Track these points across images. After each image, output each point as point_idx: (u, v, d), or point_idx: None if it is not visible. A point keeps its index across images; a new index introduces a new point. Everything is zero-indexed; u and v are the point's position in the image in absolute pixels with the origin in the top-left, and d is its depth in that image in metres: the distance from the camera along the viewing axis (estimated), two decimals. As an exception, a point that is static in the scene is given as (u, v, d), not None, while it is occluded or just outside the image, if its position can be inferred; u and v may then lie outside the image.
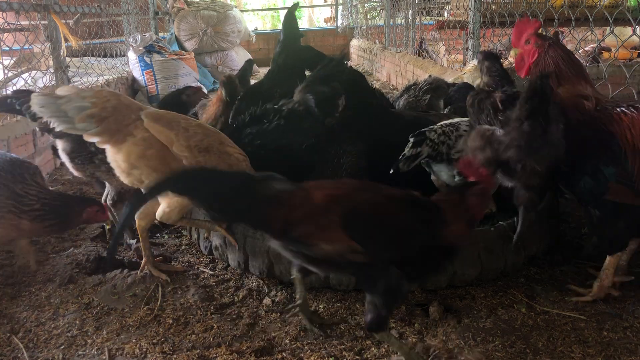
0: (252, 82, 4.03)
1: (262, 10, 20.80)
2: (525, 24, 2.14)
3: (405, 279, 1.71)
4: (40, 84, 4.47)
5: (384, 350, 1.94)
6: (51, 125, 2.10)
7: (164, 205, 2.25)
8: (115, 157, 2.18)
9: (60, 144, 2.65)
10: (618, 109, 1.99)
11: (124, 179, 2.22)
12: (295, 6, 3.36)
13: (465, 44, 5.26)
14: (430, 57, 6.87)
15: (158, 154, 2.15)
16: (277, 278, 2.40)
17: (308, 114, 2.70)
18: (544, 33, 2.12)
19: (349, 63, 11.57)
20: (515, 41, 2.17)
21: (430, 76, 4.19)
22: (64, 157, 2.67)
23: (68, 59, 5.22)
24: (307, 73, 3.28)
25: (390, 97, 3.88)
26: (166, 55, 6.88)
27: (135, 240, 2.74)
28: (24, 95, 2.67)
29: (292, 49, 3.22)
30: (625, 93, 3.26)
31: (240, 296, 2.33)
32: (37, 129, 2.71)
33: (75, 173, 2.72)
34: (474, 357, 1.86)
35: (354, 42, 11.91)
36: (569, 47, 6.63)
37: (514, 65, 2.28)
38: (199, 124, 2.31)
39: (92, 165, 2.60)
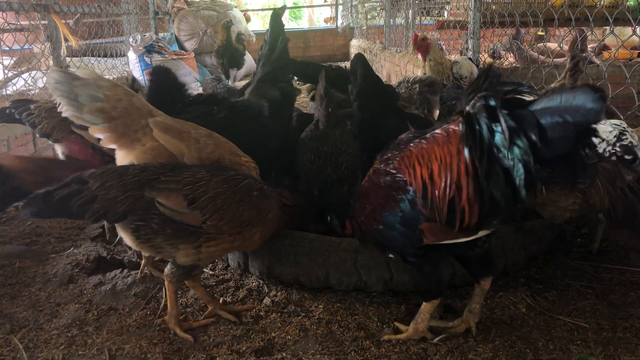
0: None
1: (262, 10, 20.81)
2: None
3: None
4: (40, 84, 4.47)
5: (383, 350, 1.94)
6: (59, 109, 2.03)
7: None
8: (123, 161, 2.14)
9: (59, 148, 2.65)
10: (406, 150, 1.87)
11: None
12: (283, 9, 3.39)
13: (465, 44, 5.25)
14: None
15: None
16: (277, 278, 2.40)
17: (260, 115, 2.80)
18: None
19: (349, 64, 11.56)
20: None
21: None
22: None
23: (68, 59, 5.23)
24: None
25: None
26: (166, 55, 6.88)
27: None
28: (22, 104, 2.70)
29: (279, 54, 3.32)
30: (625, 93, 3.26)
31: (240, 296, 2.33)
32: (37, 134, 2.66)
33: None
34: None
35: (354, 42, 11.90)
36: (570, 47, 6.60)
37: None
38: (209, 134, 2.25)
39: None
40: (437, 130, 1.80)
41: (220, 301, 2.27)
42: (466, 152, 1.63)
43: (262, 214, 2.12)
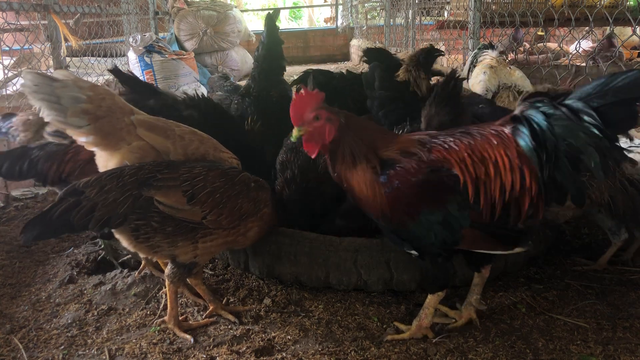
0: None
1: (262, 10, 20.79)
2: (306, 97, 1.83)
3: None
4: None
5: (383, 350, 1.94)
6: (40, 114, 1.91)
7: None
8: (107, 162, 2.08)
9: None
10: (448, 141, 1.77)
11: None
12: (277, 12, 3.43)
13: (465, 44, 5.25)
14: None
15: None
16: (277, 278, 2.40)
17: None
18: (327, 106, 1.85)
19: (349, 63, 11.57)
20: (297, 119, 1.82)
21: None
22: None
23: (68, 59, 5.23)
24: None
25: None
26: (166, 55, 6.87)
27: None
28: (9, 117, 2.76)
29: (274, 54, 3.36)
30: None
31: (241, 296, 2.33)
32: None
33: None
34: None
35: (354, 42, 11.90)
36: (570, 47, 6.60)
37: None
38: (192, 131, 2.23)
39: None
40: (484, 131, 1.76)
41: (224, 301, 2.27)
42: (528, 153, 1.65)
43: (259, 206, 2.12)
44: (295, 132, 1.83)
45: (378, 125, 1.93)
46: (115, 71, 2.89)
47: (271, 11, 3.44)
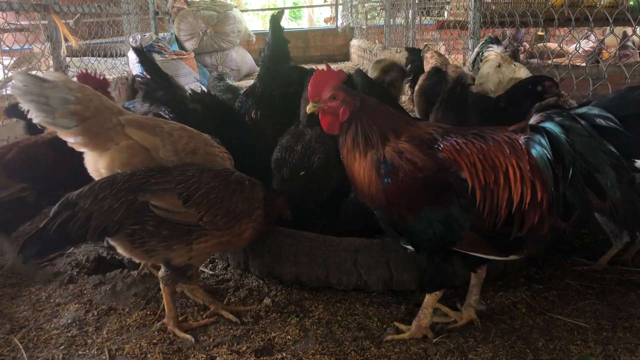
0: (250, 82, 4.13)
1: (262, 10, 20.81)
2: (327, 75, 1.85)
3: None
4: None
5: (383, 350, 1.94)
6: (29, 115, 1.92)
7: None
8: (95, 163, 2.09)
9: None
10: (460, 142, 1.74)
11: None
12: (281, 13, 3.46)
13: (465, 44, 5.25)
14: None
15: (142, 163, 2.09)
16: (277, 278, 2.40)
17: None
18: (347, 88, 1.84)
19: (349, 63, 11.57)
20: (314, 94, 1.83)
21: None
22: None
23: (68, 59, 5.23)
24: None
25: None
26: (166, 55, 6.88)
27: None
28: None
29: (279, 54, 3.38)
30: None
31: (241, 296, 2.33)
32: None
33: None
34: None
35: (354, 42, 11.90)
36: (571, 47, 6.60)
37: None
38: (182, 127, 2.25)
39: None
40: (497, 137, 1.73)
41: (224, 302, 2.27)
42: (542, 166, 1.62)
43: (254, 206, 2.12)
44: (309, 107, 1.86)
45: (395, 110, 1.86)
46: (137, 50, 2.88)
47: (276, 12, 3.46)
